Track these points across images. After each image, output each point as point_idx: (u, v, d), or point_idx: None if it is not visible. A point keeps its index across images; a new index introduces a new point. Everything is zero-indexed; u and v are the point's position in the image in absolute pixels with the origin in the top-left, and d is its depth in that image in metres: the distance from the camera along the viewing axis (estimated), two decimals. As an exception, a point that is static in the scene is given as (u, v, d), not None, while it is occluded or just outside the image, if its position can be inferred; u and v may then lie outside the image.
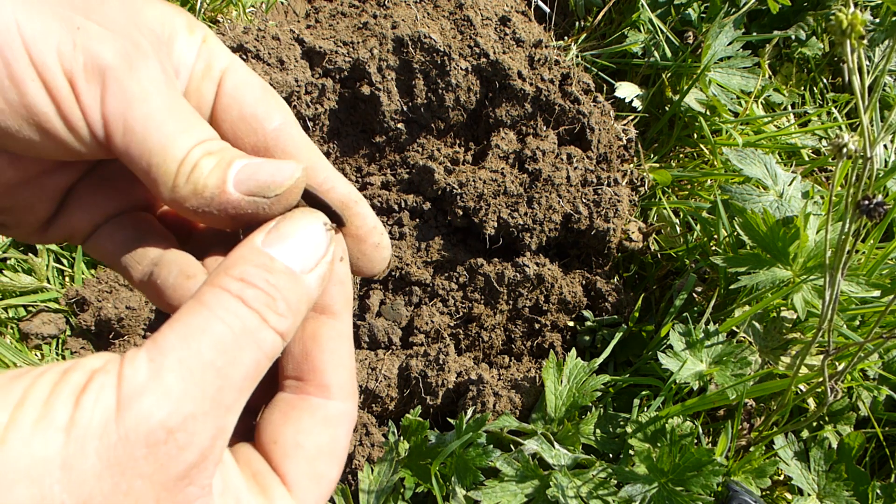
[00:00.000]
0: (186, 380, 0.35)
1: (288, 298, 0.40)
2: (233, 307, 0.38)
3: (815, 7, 1.46)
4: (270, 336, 0.39)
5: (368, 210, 0.49)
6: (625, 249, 1.19)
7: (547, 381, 0.99)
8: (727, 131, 1.33)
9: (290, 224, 0.43)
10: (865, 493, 0.95)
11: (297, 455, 0.43)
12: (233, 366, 0.37)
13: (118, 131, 0.42)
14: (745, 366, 0.98)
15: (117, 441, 0.33)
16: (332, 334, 0.46)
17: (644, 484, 0.90)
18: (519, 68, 1.14)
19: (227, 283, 0.39)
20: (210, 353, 0.36)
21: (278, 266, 0.41)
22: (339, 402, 0.45)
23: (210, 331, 0.37)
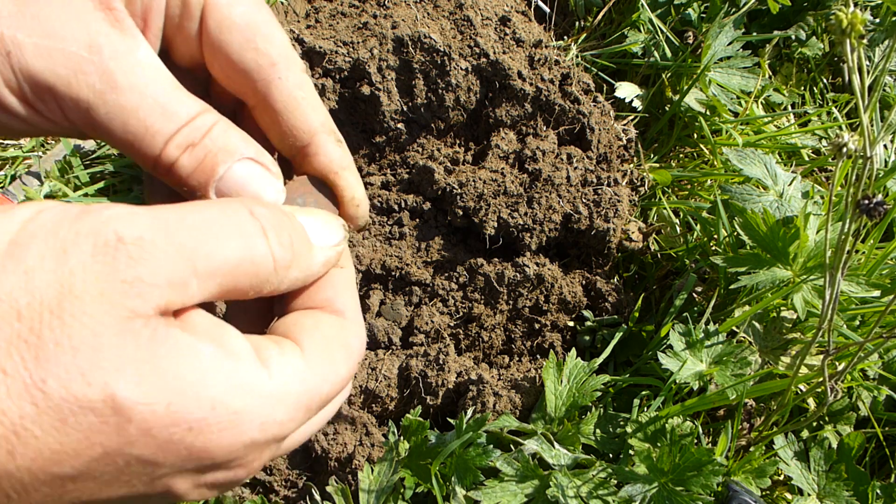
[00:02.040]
0: (159, 223, 0.34)
1: (293, 241, 0.40)
2: (235, 205, 0.38)
3: (816, 7, 1.46)
4: (262, 247, 0.38)
5: (351, 179, 0.49)
6: (625, 249, 1.19)
7: (547, 381, 0.99)
8: (727, 131, 1.33)
9: (318, 212, 0.45)
10: (865, 493, 0.95)
11: (314, 332, 0.42)
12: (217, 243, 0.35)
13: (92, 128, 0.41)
14: (745, 366, 0.98)
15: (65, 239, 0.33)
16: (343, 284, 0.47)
17: (644, 484, 0.90)
18: (519, 68, 1.14)
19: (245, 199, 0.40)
20: (194, 218, 0.35)
21: (296, 221, 0.41)
22: (355, 325, 0.45)
23: (203, 210, 0.36)
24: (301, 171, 0.49)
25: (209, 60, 0.46)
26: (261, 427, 0.36)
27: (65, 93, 0.39)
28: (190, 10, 0.44)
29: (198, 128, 0.42)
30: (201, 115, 0.42)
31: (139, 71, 0.40)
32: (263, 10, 0.46)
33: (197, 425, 0.33)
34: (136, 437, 0.32)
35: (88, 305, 0.31)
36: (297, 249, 0.40)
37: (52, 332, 0.31)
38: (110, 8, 0.40)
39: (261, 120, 0.48)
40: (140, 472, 0.33)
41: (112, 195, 1.28)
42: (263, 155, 0.44)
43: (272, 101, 0.46)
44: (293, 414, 0.38)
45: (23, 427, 0.30)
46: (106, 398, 0.31)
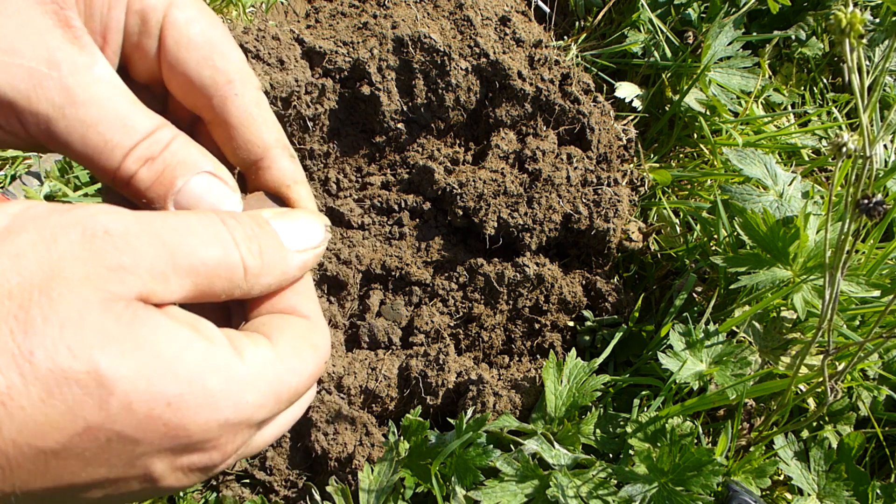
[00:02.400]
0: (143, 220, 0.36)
1: (265, 249, 0.41)
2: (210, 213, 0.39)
3: (815, 7, 1.46)
4: (235, 257, 0.39)
5: (302, 192, 0.50)
6: (625, 249, 1.19)
7: (547, 381, 0.99)
8: (727, 131, 1.33)
9: (300, 213, 0.46)
10: (865, 493, 0.95)
11: (282, 329, 0.43)
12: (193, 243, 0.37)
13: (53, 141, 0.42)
14: (745, 366, 0.98)
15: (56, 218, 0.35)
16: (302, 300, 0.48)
17: (644, 484, 0.90)
18: (519, 68, 1.14)
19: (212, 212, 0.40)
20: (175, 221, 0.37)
21: (269, 229, 0.42)
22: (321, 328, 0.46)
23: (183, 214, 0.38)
24: (255, 187, 0.51)
25: (167, 77, 0.47)
26: (235, 407, 0.37)
27: (24, 107, 0.40)
28: (149, 27, 0.45)
29: (157, 141, 0.43)
30: (160, 130, 0.43)
31: (98, 86, 0.41)
32: (220, 28, 0.48)
33: (175, 401, 0.35)
34: (117, 412, 0.33)
35: (75, 286, 0.33)
36: (268, 259, 0.42)
37: (40, 308, 0.32)
38: (69, 25, 0.41)
39: (216, 135, 0.49)
40: (120, 450, 0.34)
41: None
42: (221, 169, 0.46)
43: (228, 116, 0.47)
44: (264, 400, 0.40)
45: (9, 397, 0.31)
46: (90, 371, 0.32)
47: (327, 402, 1.00)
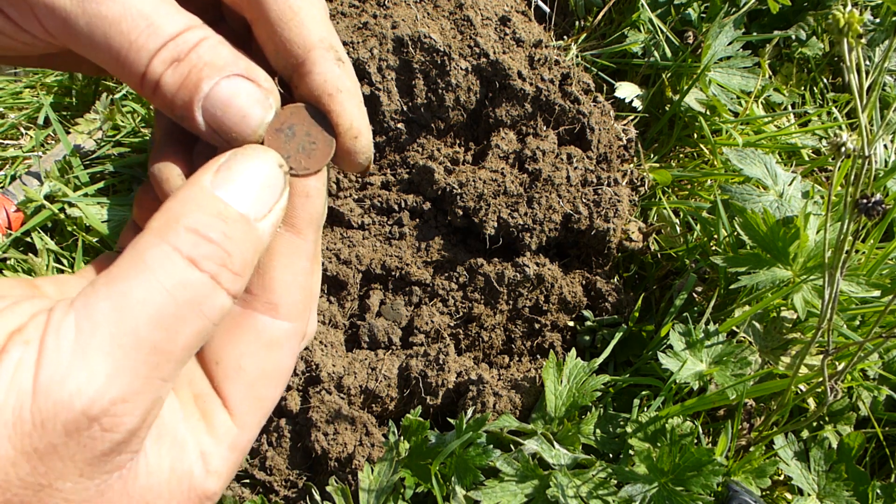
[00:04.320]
0: (117, 360, 0.32)
1: (243, 253, 0.36)
2: (180, 273, 0.34)
3: (816, 7, 1.46)
4: (221, 300, 0.35)
5: (348, 105, 0.42)
6: (625, 249, 1.19)
7: (547, 381, 0.99)
8: (727, 131, 1.33)
9: (243, 162, 0.38)
10: (865, 493, 0.95)
11: (238, 378, 0.39)
12: (174, 340, 0.33)
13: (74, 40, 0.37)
14: (745, 366, 0.98)
15: (32, 430, 0.30)
16: (288, 250, 0.41)
17: (644, 484, 0.90)
18: (519, 68, 1.14)
19: (177, 238, 0.34)
20: (147, 329, 0.32)
21: (232, 214, 0.36)
22: (286, 322, 0.41)
23: (151, 302, 0.33)
24: (297, 98, 0.43)
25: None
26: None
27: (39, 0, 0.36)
28: None
29: (185, 42, 0.38)
30: (190, 30, 0.38)
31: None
32: None
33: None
34: None
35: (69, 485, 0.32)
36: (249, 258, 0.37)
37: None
38: None
39: (259, 35, 0.42)
40: None
41: (112, 195, 1.28)
42: (255, 71, 0.40)
43: (267, 9, 0.41)
44: (227, 481, 0.39)
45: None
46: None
47: (327, 402, 1.00)
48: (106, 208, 1.24)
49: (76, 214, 1.23)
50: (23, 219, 1.24)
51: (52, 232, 1.26)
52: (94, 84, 1.46)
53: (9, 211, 1.22)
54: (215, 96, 0.38)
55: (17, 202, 1.24)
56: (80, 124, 1.36)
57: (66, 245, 1.24)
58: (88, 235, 1.22)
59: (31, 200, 1.23)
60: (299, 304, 0.41)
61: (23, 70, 1.52)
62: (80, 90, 1.44)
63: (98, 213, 1.23)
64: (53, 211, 1.22)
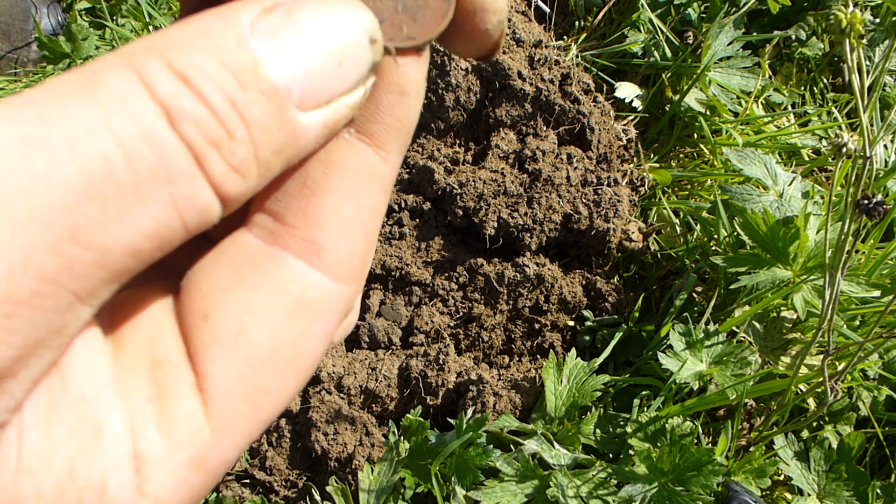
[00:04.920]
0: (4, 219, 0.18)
1: (255, 144, 0.22)
2: (142, 118, 0.20)
3: (816, 7, 1.46)
4: (203, 195, 0.21)
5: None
6: (625, 249, 1.19)
7: (547, 381, 0.99)
8: (727, 131, 1.33)
9: (316, 10, 0.23)
10: (865, 493, 0.95)
11: (232, 347, 0.24)
12: (109, 221, 0.19)
13: None
14: (745, 366, 0.98)
15: None
16: (357, 170, 0.25)
17: (644, 484, 0.90)
18: (519, 68, 1.14)
19: (153, 69, 0.20)
20: (69, 183, 0.19)
21: (261, 79, 0.21)
22: (328, 279, 0.25)
23: (83, 142, 0.19)
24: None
25: None
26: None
27: None
28: None
29: None
30: None
31: None
32: None
33: None
34: None
35: None
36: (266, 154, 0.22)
37: None
38: None
39: None
40: None
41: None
42: None
43: None
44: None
45: None
46: None
47: (327, 402, 1.00)
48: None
49: (76, 214, 1.22)
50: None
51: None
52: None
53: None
54: None
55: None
56: (79, 124, 1.36)
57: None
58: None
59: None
60: (356, 255, 0.25)
61: (23, 70, 1.52)
62: (80, 90, 1.44)
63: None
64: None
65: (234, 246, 0.25)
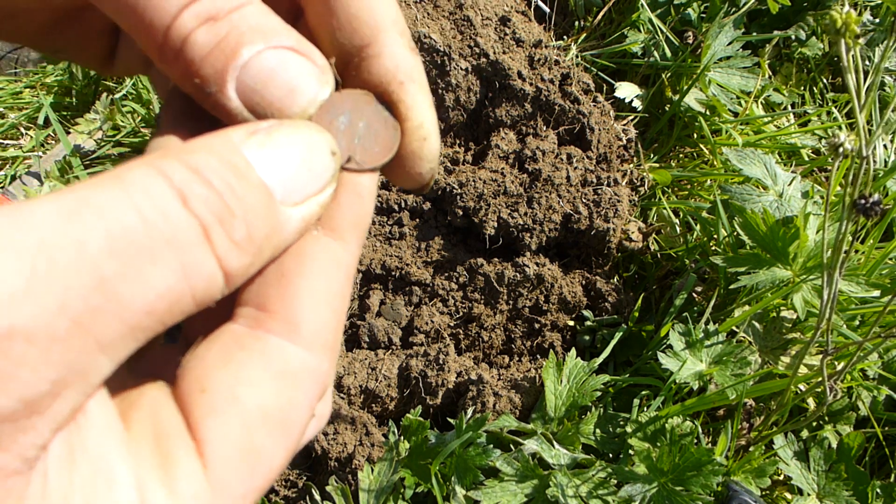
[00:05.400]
0: (37, 273, 0.21)
1: (252, 224, 0.27)
2: (161, 198, 0.25)
3: (815, 7, 1.46)
4: (208, 265, 0.25)
5: (419, 98, 0.34)
6: (625, 249, 1.19)
7: (547, 380, 1.00)
8: (727, 131, 1.33)
9: (288, 133, 0.29)
10: (865, 493, 0.95)
11: (228, 412, 0.27)
12: (129, 278, 0.23)
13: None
14: (744, 366, 0.98)
15: None
16: (324, 257, 0.31)
17: (644, 484, 0.90)
18: (519, 68, 1.14)
19: (169, 166, 0.26)
20: (98, 242, 0.23)
21: (252, 177, 0.27)
22: (306, 352, 0.30)
23: (110, 214, 0.23)
24: (355, 86, 0.35)
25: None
26: None
27: None
28: None
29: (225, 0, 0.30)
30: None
31: None
32: None
33: None
34: None
35: None
36: (260, 237, 0.27)
37: None
38: None
39: (312, 13, 0.35)
40: None
41: (112, 195, 1.28)
42: (307, 46, 0.31)
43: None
44: None
45: None
46: None
47: (327, 401, 1.01)
48: (106, 208, 1.24)
49: (76, 214, 1.23)
50: (23, 219, 1.24)
51: (52, 232, 1.26)
52: (94, 84, 1.46)
53: (9, 211, 1.22)
54: (257, 66, 0.30)
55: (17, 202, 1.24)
56: (80, 124, 1.36)
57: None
58: (89, 235, 1.22)
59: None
60: (327, 331, 0.31)
61: (23, 70, 1.52)
62: (80, 90, 1.45)
63: (98, 214, 1.23)
64: (54, 211, 1.22)
65: (223, 334, 0.30)
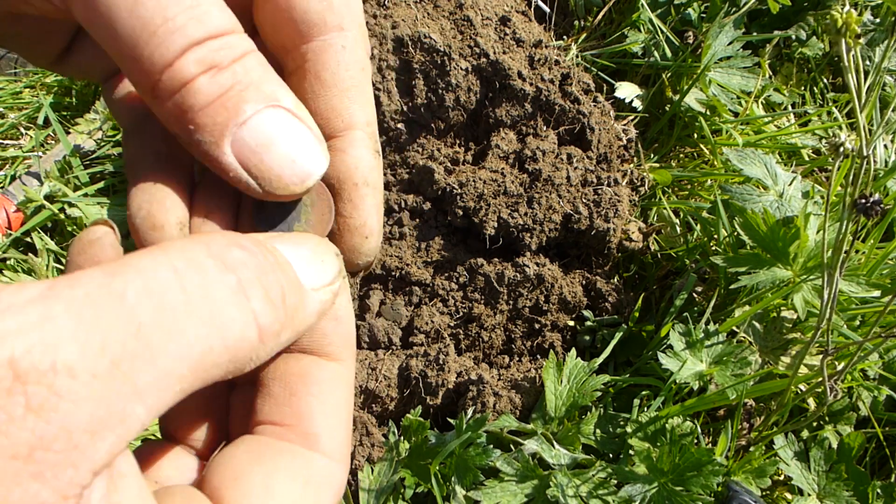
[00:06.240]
0: (82, 319, 0.22)
1: (286, 289, 0.29)
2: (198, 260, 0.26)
3: (816, 7, 1.46)
4: (243, 319, 0.26)
5: (370, 201, 0.37)
6: (625, 249, 1.19)
7: (547, 381, 0.99)
8: (727, 131, 1.33)
9: (306, 237, 0.33)
10: (865, 493, 0.95)
11: (262, 499, 0.30)
12: (164, 327, 0.24)
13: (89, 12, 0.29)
14: (745, 366, 0.98)
15: None
16: (326, 376, 0.35)
17: (644, 484, 0.90)
18: (519, 68, 1.14)
19: (209, 238, 0.27)
20: (136, 294, 0.24)
21: (281, 256, 0.30)
22: (327, 459, 0.33)
23: (150, 272, 0.25)
24: None
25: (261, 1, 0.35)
26: None
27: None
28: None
29: (229, 46, 0.30)
30: (235, 34, 0.30)
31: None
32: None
33: None
34: None
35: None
36: (291, 304, 0.29)
37: None
38: None
39: (299, 89, 0.36)
40: None
41: (112, 195, 1.29)
42: (303, 111, 0.32)
43: (322, 69, 0.34)
44: None
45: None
46: None
47: (327, 402, 1.01)
48: (106, 208, 1.24)
49: (76, 214, 1.23)
50: (23, 219, 1.24)
51: (52, 232, 1.26)
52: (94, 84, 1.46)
53: (9, 211, 1.22)
54: (256, 128, 0.30)
55: (17, 202, 1.24)
56: (80, 124, 1.36)
57: (65, 245, 1.24)
58: (88, 235, 1.22)
59: (31, 200, 1.23)
60: (343, 441, 0.34)
61: (23, 70, 1.52)
62: (80, 90, 1.45)
63: (98, 214, 1.23)
64: (53, 211, 1.22)
65: (246, 440, 0.32)
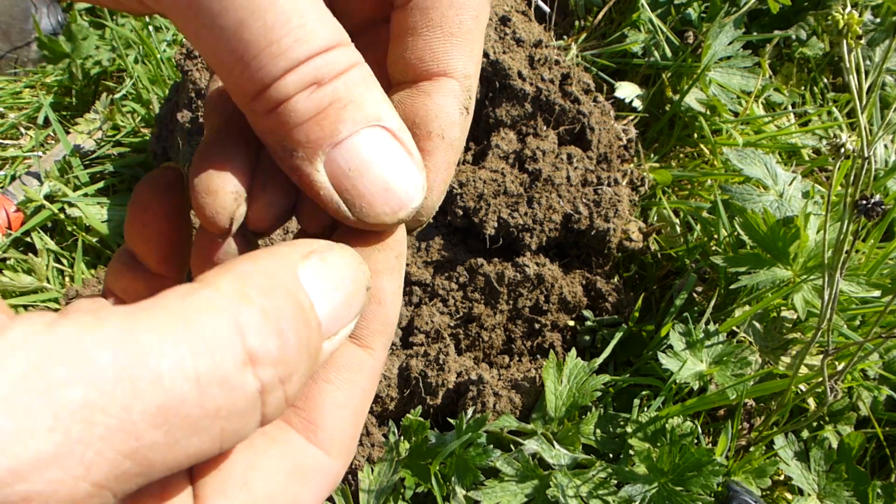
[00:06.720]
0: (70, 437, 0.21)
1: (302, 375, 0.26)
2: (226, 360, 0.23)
3: (816, 7, 1.46)
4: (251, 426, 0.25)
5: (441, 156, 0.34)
6: (625, 249, 1.19)
7: (547, 381, 0.99)
8: (727, 131, 1.33)
9: (339, 263, 0.29)
10: (865, 493, 0.95)
11: (235, 497, 0.28)
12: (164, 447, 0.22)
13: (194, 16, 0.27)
14: (745, 366, 0.98)
15: None
16: (349, 363, 0.32)
17: (644, 484, 0.90)
18: (519, 68, 1.14)
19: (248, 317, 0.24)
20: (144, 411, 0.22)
21: (314, 319, 0.27)
22: (322, 453, 0.31)
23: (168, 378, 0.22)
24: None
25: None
26: None
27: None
28: None
29: (333, 62, 0.28)
30: (340, 48, 0.29)
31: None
32: None
33: None
34: None
35: None
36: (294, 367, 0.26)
37: None
38: None
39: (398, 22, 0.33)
40: None
41: (112, 195, 1.28)
42: (406, 134, 0.30)
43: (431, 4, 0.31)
44: None
45: None
46: None
47: (327, 402, 1.00)
48: (106, 208, 1.24)
49: (76, 214, 1.23)
50: (23, 219, 1.24)
51: (52, 232, 1.26)
52: (94, 84, 1.46)
53: (9, 211, 1.22)
54: (352, 149, 0.29)
55: (17, 202, 1.24)
56: (80, 124, 1.36)
57: (65, 245, 1.24)
58: (88, 235, 1.22)
59: (31, 200, 1.23)
60: (345, 435, 0.31)
61: (23, 70, 1.52)
62: (80, 90, 1.44)
63: (98, 213, 1.23)
64: (53, 211, 1.22)
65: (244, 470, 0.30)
